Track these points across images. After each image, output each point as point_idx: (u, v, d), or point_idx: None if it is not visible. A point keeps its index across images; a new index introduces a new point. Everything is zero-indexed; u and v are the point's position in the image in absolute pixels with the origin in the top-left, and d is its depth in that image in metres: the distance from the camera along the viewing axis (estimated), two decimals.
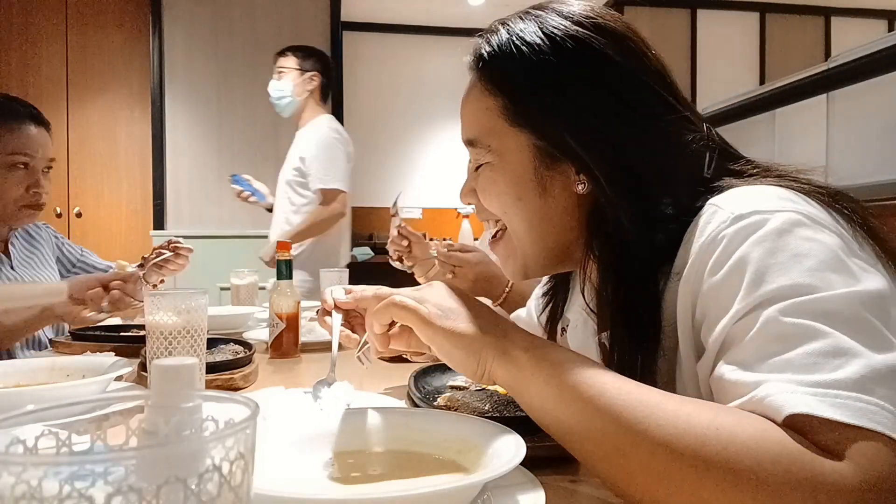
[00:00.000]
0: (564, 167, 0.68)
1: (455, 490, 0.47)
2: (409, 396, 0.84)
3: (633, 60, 0.68)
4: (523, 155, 0.70)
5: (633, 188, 0.65)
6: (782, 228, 0.54)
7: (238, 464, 0.30)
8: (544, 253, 0.74)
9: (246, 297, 1.98)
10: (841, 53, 2.52)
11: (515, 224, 0.73)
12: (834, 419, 0.44)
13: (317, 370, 1.23)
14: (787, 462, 0.44)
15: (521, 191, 0.71)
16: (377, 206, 4.88)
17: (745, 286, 0.53)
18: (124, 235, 4.09)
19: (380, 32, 4.93)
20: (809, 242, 0.53)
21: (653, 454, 0.47)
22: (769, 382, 0.48)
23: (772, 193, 0.59)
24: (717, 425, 0.46)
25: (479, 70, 0.73)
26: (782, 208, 0.56)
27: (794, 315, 0.50)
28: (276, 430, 0.60)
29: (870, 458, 0.43)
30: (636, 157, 0.66)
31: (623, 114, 0.66)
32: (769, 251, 0.53)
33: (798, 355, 0.48)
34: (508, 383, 0.58)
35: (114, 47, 4.10)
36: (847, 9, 5.13)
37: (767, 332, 0.50)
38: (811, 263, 0.52)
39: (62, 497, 0.26)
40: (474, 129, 0.74)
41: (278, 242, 1.36)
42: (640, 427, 0.48)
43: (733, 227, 0.56)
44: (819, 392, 0.46)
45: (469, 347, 0.60)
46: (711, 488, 0.45)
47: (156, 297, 0.84)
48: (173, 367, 0.40)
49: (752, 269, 0.53)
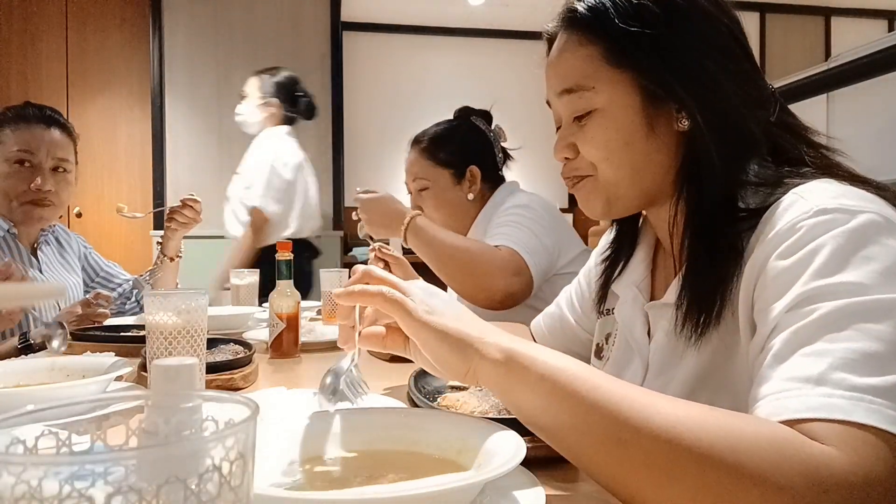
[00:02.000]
0: (668, 105, 0.71)
1: (455, 490, 0.47)
2: (409, 396, 0.84)
3: (715, 6, 0.72)
4: (629, 96, 0.72)
5: (728, 128, 0.68)
6: (862, 229, 0.55)
7: (238, 464, 0.30)
8: (637, 193, 0.76)
9: (246, 297, 1.98)
10: (841, 53, 2.52)
11: (616, 169, 0.75)
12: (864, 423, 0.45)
13: (317, 370, 1.23)
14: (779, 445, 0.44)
15: (628, 133, 0.73)
16: None
17: (809, 274, 0.54)
18: (124, 235, 4.08)
19: (380, 32, 4.93)
20: (882, 248, 0.54)
21: (655, 442, 0.47)
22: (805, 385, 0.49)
23: (856, 192, 0.60)
24: (714, 416, 0.48)
25: (573, 25, 0.76)
26: (865, 209, 0.57)
27: (850, 313, 0.51)
28: (275, 430, 0.60)
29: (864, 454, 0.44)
30: (730, 99, 0.69)
31: (715, 57, 0.70)
32: (843, 248, 0.54)
33: (841, 350, 0.49)
34: (497, 381, 0.57)
35: (114, 47, 4.10)
36: (847, 9, 5.13)
37: (820, 323, 0.51)
38: (879, 267, 0.53)
39: (62, 497, 0.26)
40: (574, 76, 0.75)
41: (278, 243, 1.36)
42: (642, 416, 0.48)
43: (815, 218, 0.57)
44: (855, 396, 0.46)
45: (456, 345, 0.58)
46: (711, 475, 0.45)
47: (156, 297, 0.84)
48: (173, 367, 0.40)
49: (820, 260, 0.55)
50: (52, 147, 1.65)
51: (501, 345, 0.57)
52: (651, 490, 0.47)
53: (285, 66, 3.21)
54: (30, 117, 1.64)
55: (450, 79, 4.95)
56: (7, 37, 3.96)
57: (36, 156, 1.62)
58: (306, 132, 4.22)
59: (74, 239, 1.89)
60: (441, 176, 1.66)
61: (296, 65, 4.22)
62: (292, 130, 2.93)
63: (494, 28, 4.97)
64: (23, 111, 1.66)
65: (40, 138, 1.64)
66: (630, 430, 0.48)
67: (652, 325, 0.81)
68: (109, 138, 4.09)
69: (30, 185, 1.62)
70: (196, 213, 1.81)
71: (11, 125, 1.62)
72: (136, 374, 1.04)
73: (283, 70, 2.95)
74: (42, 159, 1.64)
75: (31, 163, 1.62)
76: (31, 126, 1.63)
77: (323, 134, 4.26)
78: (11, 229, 1.63)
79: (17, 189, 1.61)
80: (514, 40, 4.93)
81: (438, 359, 0.59)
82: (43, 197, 1.64)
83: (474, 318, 0.62)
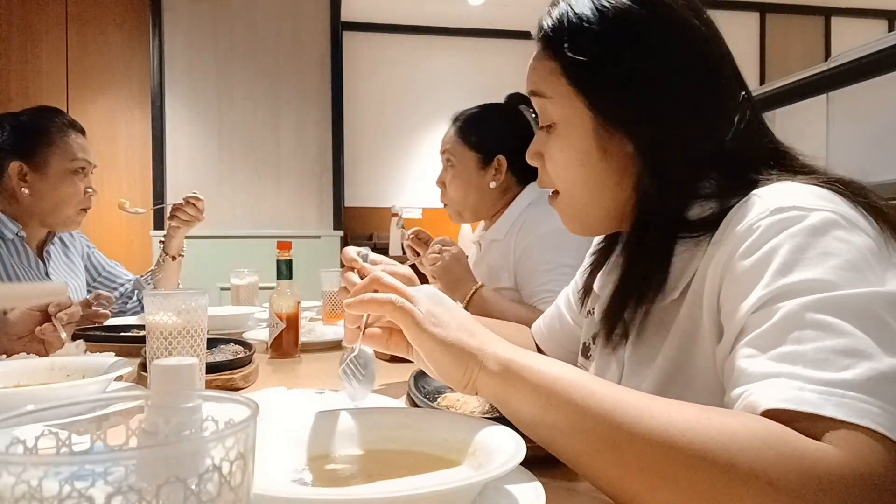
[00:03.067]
0: (618, 130, 0.72)
1: (455, 490, 0.47)
2: (409, 396, 0.84)
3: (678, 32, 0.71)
4: (582, 117, 0.73)
5: (673, 153, 0.69)
6: (818, 227, 0.55)
7: (238, 464, 0.30)
8: (603, 213, 0.77)
9: (246, 297, 1.98)
10: (841, 53, 2.52)
11: (576, 190, 0.77)
12: (836, 418, 0.45)
13: (317, 370, 1.23)
14: (774, 443, 0.44)
15: (583, 154, 0.74)
16: (377, 207, 4.88)
17: (770, 274, 0.55)
18: (124, 235, 4.09)
19: (380, 32, 4.93)
20: (841, 243, 0.54)
21: (650, 445, 0.47)
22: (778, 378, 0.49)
23: (813, 192, 0.60)
24: (707, 417, 0.48)
25: (540, 37, 0.77)
26: (821, 207, 0.57)
27: (815, 310, 0.51)
28: (276, 430, 0.60)
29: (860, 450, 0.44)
30: (679, 126, 0.69)
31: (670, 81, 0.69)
32: (800, 246, 0.55)
33: (811, 350, 0.49)
34: (495, 392, 0.59)
35: (114, 47, 4.10)
36: (847, 9, 5.13)
37: (786, 324, 0.51)
38: (838, 262, 0.53)
39: (62, 497, 0.26)
40: (538, 82, 0.77)
41: (279, 242, 1.36)
42: (636, 420, 0.49)
43: (771, 218, 0.58)
44: (825, 391, 0.46)
45: (456, 357, 0.60)
46: (706, 476, 0.45)
47: (156, 297, 0.84)
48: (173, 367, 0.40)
49: (780, 259, 0.55)
50: (90, 154, 1.72)
51: (499, 355, 0.59)
52: (647, 493, 0.48)
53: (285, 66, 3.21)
54: (72, 124, 1.70)
55: (450, 79, 4.95)
56: (7, 36, 3.96)
57: (90, 163, 1.70)
58: (306, 132, 4.24)
59: (78, 238, 1.90)
60: (467, 158, 1.66)
61: (296, 65, 4.24)
62: None
63: (494, 28, 4.97)
64: (63, 117, 1.69)
65: (85, 146, 1.71)
66: (623, 434, 0.49)
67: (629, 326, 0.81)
68: (109, 138, 4.09)
69: (84, 190, 1.68)
70: (199, 211, 1.83)
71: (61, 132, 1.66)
72: (136, 374, 1.04)
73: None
74: (91, 166, 1.72)
75: (84, 171, 1.69)
76: (76, 134, 1.69)
77: (323, 134, 4.26)
78: (20, 232, 1.64)
79: (77, 196, 1.67)
80: (514, 40, 4.93)
81: (440, 369, 0.62)
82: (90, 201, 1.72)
83: (477, 327, 0.64)
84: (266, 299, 1.42)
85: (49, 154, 1.63)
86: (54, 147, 1.64)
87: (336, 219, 4.29)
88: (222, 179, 4.15)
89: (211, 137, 4.14)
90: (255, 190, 4.18)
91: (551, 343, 1.07)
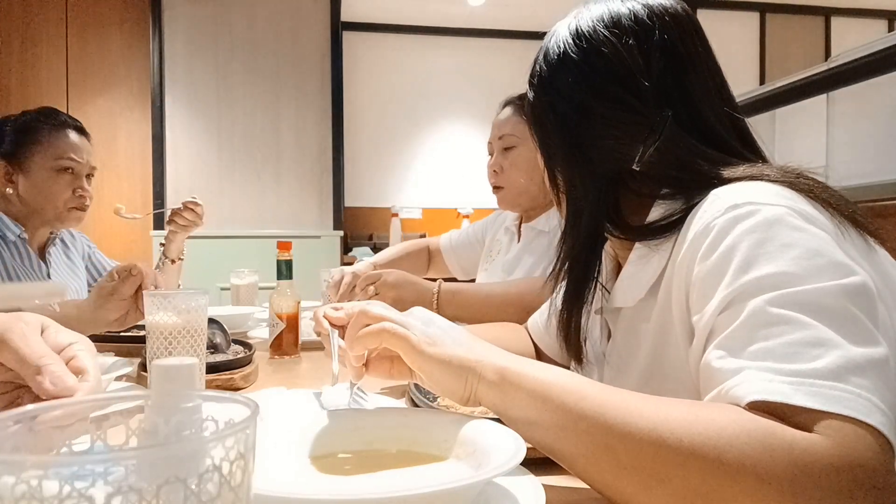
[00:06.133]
0: None
1: (455, 490, 0.47)
2: (409, 396, 0.84)
3: (585, 71, 0.75)
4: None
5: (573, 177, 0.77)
6: (772, 219, 0.56)
7: (238, 464, 0.30)
8: None
9: (246, 297, 1.98)
10: (841, 53, 2.52)
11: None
12: (808, 406, 0.45)
13: (317, 370, 1.23)
14: (761, 435, 0.44)
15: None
16: (377, 207, 4.88)
17: (732, 273, 0.55)
18: (124, 235, 4.08)
19: (380, 32, 4.93)
20: (798, 233, 0.55)
21: (640, 445, 0.48)
22: (748, 370, 0.49)
23: (769, 189, 0.61)
24: (695, 413, 0.48)
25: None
26: (775, 202, 0.58)
27: (780, 305, 0.51)
28: (276, 430, 0.60)
29: (844, 437, 0.44)
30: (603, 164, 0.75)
31: (573, 132, 0.76)
32: (758, 241, 0.55)
33: (779, 344, 0.49)
34: (494, 402, 0.59)
35: (114, 47, 4.10)
36: (847, 9, 5.12)
37: (753, 321, 0.52)
38: (798, 252, 0.53)
39: (62, 497, 0.26)
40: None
41: (279, 242, 1.36)
42: (626, 421, 0.49)
43: (725, 216, 0.59)
44: (795, 381, 0.47)
45: (456, 373, 0.61)
46: (697, 471, 0.45)
47: (156, 297, 0.84)
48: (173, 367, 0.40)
49: (739, 256, 0.55)
50: (88, 155, 1.70)
51: (496, 364, 0.60)
52: (641, 493, 0.48)
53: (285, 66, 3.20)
54: (66, 124, 1.68)
55: (450, 79, 4.95)
56: (7, 37, 3.96)
57: (79, 163, 1.67)
58: (306, 132, 4.24)
59: (79, 239, 1.90)
60: None
61: (296, 65, 4.24)
62: None
63: (494, 28, 4.96)
64: (56, 118, 1.68)
65: (80, 146, 1.69)
66: (615, 436, 0.49)
67: (611, 327, 0.84)
68: (109, 139, 4.08)
69: (73, 190, 1.66)
70: (197, 216, 1.82)
71: (52, 131, 1.65)
72: (137, 374, 1.04)
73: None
74: (82, 167, 1.69)
75: (73, 170, 1.67)
76: (69, 133, 1.67)
77: (323, 134, 4.26)
78: (23, 234, 1.64)
79: (64, 195, 1.65)
80: (514, 40, 4.93)
81: (442, 387, 0.63)
82: (84, 201, 1.69)
83: (471, 340, 0.65)
84: (266, 299, 1.42)
85: (34, 153, 1.62)
86: (39, 146, 1.62)
87: (336, 219, 4.29)
88: (222, 179, 4.15)
89: (211, 137, 4.14)
90: (255, 190, 4.18)
91: (547, 338, 1.07)
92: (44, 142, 1.63)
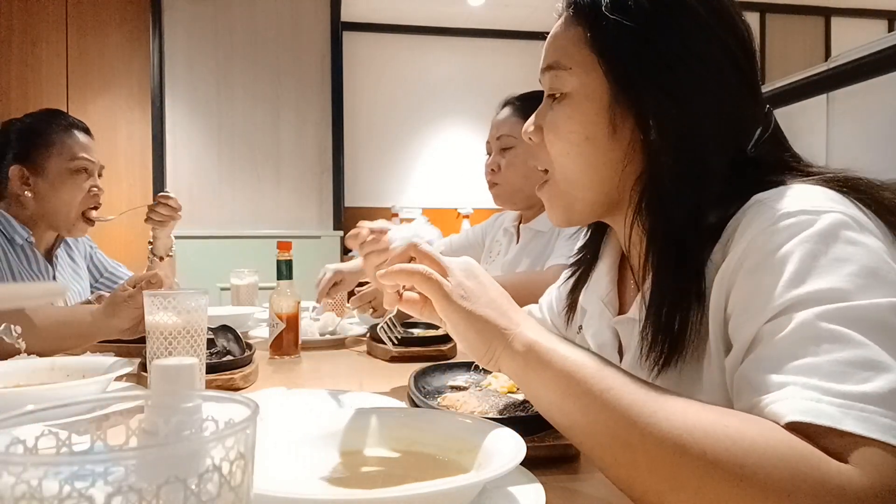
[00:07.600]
0: (633, 109, 0.67)
1: (455, 490, 0.47)
2: (409, 396, 0.84)
3: (714, 17, 0.67)
4: (599, 87, 0.69)
5: (686, 150, 0.64)
6: (828, 231, 0.53)
7: (238, 464, 0.30)
8: (596, 198, 0.73)
9: (246, 297, 1.98)
10: (841, 53, 2.52)
11: (574, 167, 0.72)
12: (854, 432, 0.44)
13: (317, 370, 1.23)
14: (794, 461, 0.43)
15: (591, 128, 0.69)
16: (377, 207, 4.88)
17: (783, 284, 0.52)
18: (124, 236, 4.08)
19: (380, 32, 4.92)
20: (853, 247, 0.52)
21: (660, 448, 0.47)
22: (793, 386, 0.47)
23: (819, 194, 0.58)
24: (725, 423, 0.46)
25: (570, 4, 0.72)
26: (830, 209, 0.55)
27: (831, 320, 0.48)
28: (276, 430, 0.60)
29: (886, 470, 0.43)
30: (699, 120, 0.64)
31: (692, 65, 0.65)
32: (812, 253, 0.52)
33: (828, 362, 0.47)
34: (516, 373, 0.59)
35: (114, 47, 4.09)
36: (847, 9, 5.12)
37: (801, 334, 0.49)
38: (853, 269, 0.51)
39: (62, 497, 0.26)
40: (557, 54, 0.72)
41: (279, 243, 1.36)
42: (650, 421, 0.48)
43: (779, 223, 0.55)
44: (844, 404, 0.45)
45: (482, 332, 0.60)
46: (716, 485, 0.44)
47: (156, 297, 0.84)
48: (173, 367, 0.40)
49: (791, 268, 0.52)
50: (94, 154, 1.72)
51: (525, 336, 0.58)
52: (655, 495, 0.48)
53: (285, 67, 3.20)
54: (74, 125, 1.69)
55: (450, 79, 4.95)
56: (7, 37, 3.95)
57: (92, 162, 1.70)
58: (306, 132, 4.24)
59: (81, 239, 1.90)
60: None
61: (296, 65, 4.24)
62: None
63: (494, 28, 4.96)
64: (64, 119, 1.69)
65: (89, 145, 1.71)
66: (636, 434, 0.48)
67: (623, 341, 0.80)
68: (109, 139, 4.08)
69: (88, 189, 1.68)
70: (173, 209, 1.81)
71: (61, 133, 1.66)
72: (137, 374, 1.04)
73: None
74: (95, 165, 1.72)
75: (87, 169, 1.68)
76: (77, 133, 1.69)
77: (323, 134, 4.26)
78: (30, 237, 1.64)
79: (81, 195, 1.67)
80: (514, 40, 4.93)
81: (464, 341, 0.62)
82: (98, 200, 1.72)
83: (509, 305, 0.63)
84: (266, 299, 1.42)
85: (48, 155, 1.63)
86: (53, 148, 1.63)
87: (336, 219, 4.29)
88: (222, 179, 4.15)
89: (211, 137, 4.14)
90: (255, 190, 4.18)
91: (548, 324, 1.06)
92: (56, 144, 1.64)
